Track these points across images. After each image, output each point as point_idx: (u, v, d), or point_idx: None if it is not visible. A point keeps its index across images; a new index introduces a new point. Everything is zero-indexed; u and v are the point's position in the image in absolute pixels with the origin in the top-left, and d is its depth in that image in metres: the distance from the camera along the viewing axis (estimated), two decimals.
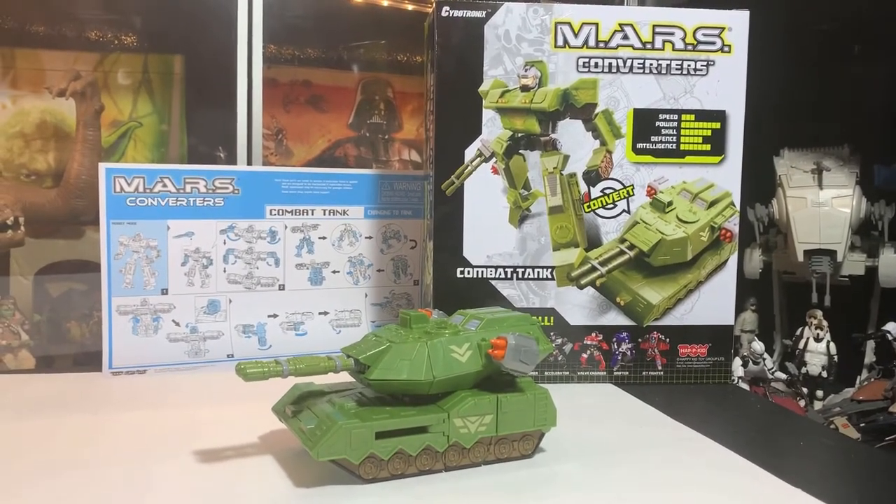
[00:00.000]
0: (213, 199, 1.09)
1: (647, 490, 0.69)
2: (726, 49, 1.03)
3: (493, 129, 1.01)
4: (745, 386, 1.29)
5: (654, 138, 1.03)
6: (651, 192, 1.04)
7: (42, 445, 0.77)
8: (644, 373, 1.05)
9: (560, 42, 1.00)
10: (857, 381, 1.34)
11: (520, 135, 1.01)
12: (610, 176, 1.03)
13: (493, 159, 1.01)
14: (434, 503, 0.65)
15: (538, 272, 1.03)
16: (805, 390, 1.34)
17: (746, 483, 0.71)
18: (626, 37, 1.01)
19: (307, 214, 1.14)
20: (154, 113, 1.26)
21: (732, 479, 0.72)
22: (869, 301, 1.42)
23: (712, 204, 1.04)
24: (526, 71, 1.00)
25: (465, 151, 1.01)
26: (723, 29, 1.02)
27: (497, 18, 0.99)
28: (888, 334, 1.27)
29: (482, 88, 1.00)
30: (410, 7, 1.36)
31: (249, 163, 1.25)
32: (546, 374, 1.04)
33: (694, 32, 1.02)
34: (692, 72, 1.03)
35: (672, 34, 1.02)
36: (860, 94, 1.47)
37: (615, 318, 1.04)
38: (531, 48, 1.00)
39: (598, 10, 1.01)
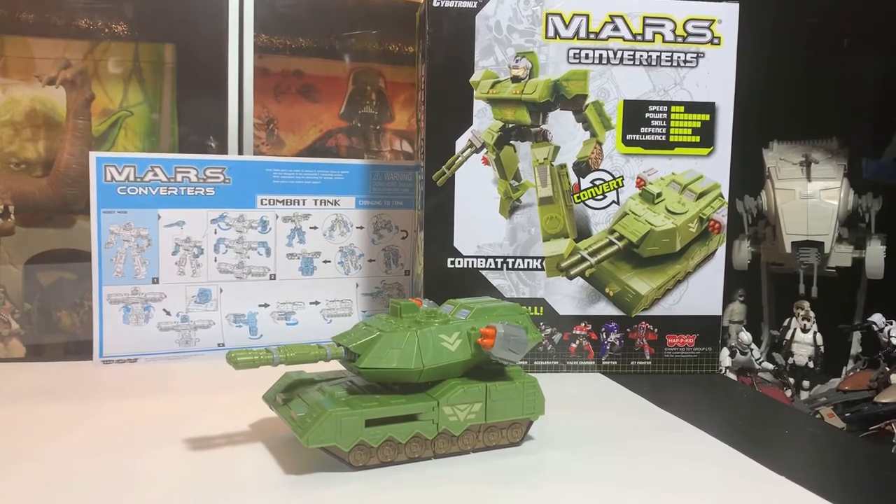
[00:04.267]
0: (204, 188, 1.09)
1: (634, 478, 0.70)
2: (716, 41, 1.03)
3: (483, 120, 1.01)
4: (732, 376, 1.30)
5: (643, 130, 1.04)
6: (640, 183, 1.04)
7: (33, 433, 0.78)
8: (632, 362, 1.06)
9: (551, 33, 1.01)
10: (843, 372, 1.36)
11: (510, 125, 1.02)
12: (600, 167, 1.04)
13: (484, 150, 1.01)
14: (423, 490, 0.66)
15: (528, 262, 1.03)
16: (792, 380, 1.36)
17: (731, 470, 0.72)
18: (616, 28, 1.02)
19: (298, 204, 1.14)
20: (145, 102, 1.26)
21: (718, 466, 0.73)
22: (856, 292, 1.43)
23: (701, 195, 1.05)
24: (517, 62, 1.01)
25: (456, 142, 1.01)
26: (713, 21, 1.03)
27: (488, 9, 0.99)
28: (874, 325, 1.28)
29: (473, 79, 1.00)
30: None
31: (240, 152, 1.25)
32: (535, 363, 1.04)
33: (684, 24, 1.03)
34: (682, 64, 1.03)
35: (662, 26, 1.02)
36: (849, 86, 1.47)
37: (604, 308, 1.05)
38: (522, 39, 1.00)
39: (589, 2, 1.01)
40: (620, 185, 1.04)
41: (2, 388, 0.94)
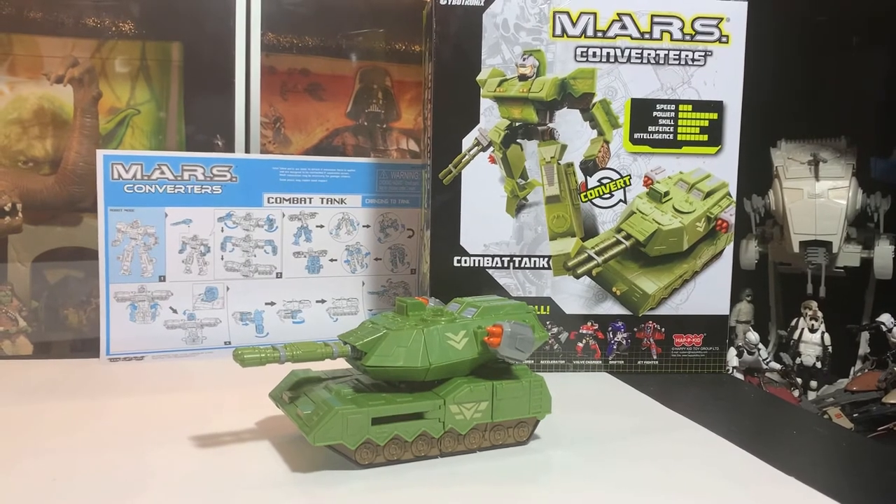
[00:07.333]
0: (211, 186, 1.09)
1: (641, 478, 0.69)
2: (724, 39, 1.03)
3: (490, 119, 1.01)
4: (739, 376, 1.30)
5: (651, 128, 1.03)
6: (648, 182, 1.04)
7: (40, 430, 0.78)
8: (639, 362, 1.06)
9: (558, 31, 1.01)
10: (851, 372, 1.35)
11: (517, 124, 1.02)
12: (607, 166, 1.03)
13: (491, 148, 1.01)
14: (429, 489, 0.66)
15: (535, 261, 1.03)
16: (799, 380, 1.35)
17: (739, 470, 0.72)
18: (624, 26, 1.01)
19: (305, 203, 1.14)
20: (152, 100, 1.26)
21: (725, 466, 0.73)
22: (864, 292, 1.42)
23: (709, 194, 1.04)
24: (524, 60, 1.00)
25: (463, 140, 1.01)
26: (721, 19, 1.03)
27: (495, 7, 0.99)
28: (882, 325, 1.28)
29: (480, 77, 1.00)
30: None
31: (247, 151, 1.25)
32: (542, 362, 1.04)
33: (692, 23, 1.02)
34: (690, 62, 1.03)
35: (670, 24, 1.02)
36: (857, 85, 1.47)
37: (611, 308, 1.05)
38: (529, 37, 1.00)
39: (596, 0, 1.01)
40: (628, 183, 1.04)
41: (9, 385, 0.94)
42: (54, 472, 0.67)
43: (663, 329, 1.06)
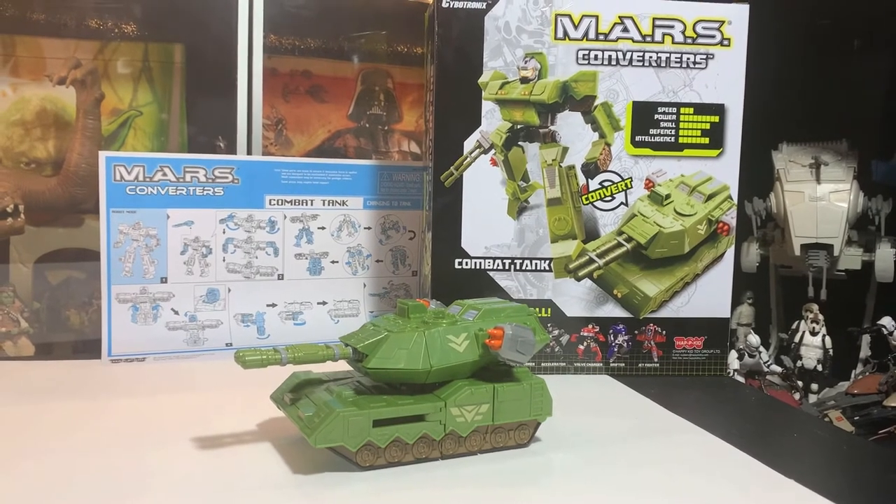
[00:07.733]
0: (213, 188, 1.09)
1: (642, 480, 0.70)
2: (726, 42, 1.03)
3: (492, 121, 1.01)
4: (740, 379, 1.30)
5: (652, 131, 1.03)
6: (649, 184, 1.04)
7: (41, 431, 0.78)
8: (640, 364, 1.06)
9: (560, 34, 1.01)
10: (852, 375, 1.35)
11: (519, 126, 1.02)
12: (608, 168, 1.03)
13: (493, 151, 1.01)
14: (430, 491, 0.66)
15: (536, 264, 1.03)
16: (800, 383, 1.35)
17: (740, 473, 0.72)
18: (625, 29, 1.02)
19: (306, 204, 1.14)
20: (154, 102, 1.26)
21: (726, 469, 0.73)
22: (865, 295, 1.42)
23: (710, 197, 1.04)
24: (526, 62, 1.00)
25: (465, 143, 1.01)
26: (722, 22, 1.03)
27: (497, 10, 0.99)
28: (883, 328, 1.28)
29: (482, 80, 1.00)
30: None
31: (249, 152, 1.26)
32: (542, 364, 1.04)
33: (694, 26, 1.02)
34: (691, 65, 1.03)
35: (672, 27, 1.02)
36: (859, 88, 1.47)
37: (612, 310, 1.05)
38: (531, 40, 1.00)
39: (598, 3, 1.01)
40: (629, 186, 1.04)
41: (11, 385, 0.94)
42: (55, 472, 0.67)
43: (664, 332, 1.06)
